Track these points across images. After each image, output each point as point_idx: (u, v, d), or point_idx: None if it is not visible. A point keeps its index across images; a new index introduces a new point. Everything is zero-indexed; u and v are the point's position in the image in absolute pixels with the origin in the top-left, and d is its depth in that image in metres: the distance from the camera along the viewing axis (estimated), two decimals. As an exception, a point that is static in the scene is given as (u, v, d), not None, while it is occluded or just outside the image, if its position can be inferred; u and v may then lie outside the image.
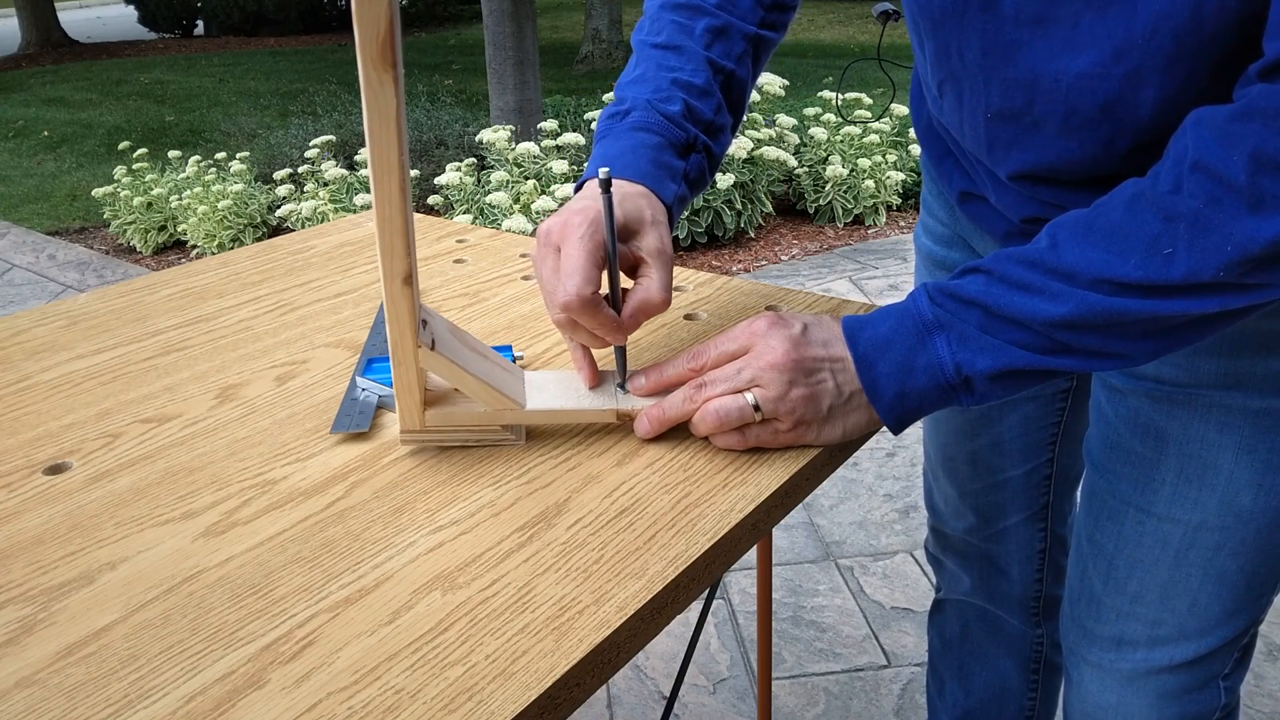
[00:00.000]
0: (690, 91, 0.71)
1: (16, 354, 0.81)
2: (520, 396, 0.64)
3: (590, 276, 0.60)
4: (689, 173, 0.71)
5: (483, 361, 0.62)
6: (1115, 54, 0.57)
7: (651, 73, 0.72)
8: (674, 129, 0.70)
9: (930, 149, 0.83)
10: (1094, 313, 0.55)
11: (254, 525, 0.57)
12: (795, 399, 0.60)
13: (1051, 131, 0.63)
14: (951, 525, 1.06)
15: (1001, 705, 1.12)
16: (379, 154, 0.50)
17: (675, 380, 0.64)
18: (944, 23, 0.65)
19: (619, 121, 0.71)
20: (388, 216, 0.52)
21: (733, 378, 0.61)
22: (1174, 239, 0.53)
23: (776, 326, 0.62)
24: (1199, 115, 0.54)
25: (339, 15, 13.31)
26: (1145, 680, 0.80)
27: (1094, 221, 0.56)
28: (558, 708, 0.45)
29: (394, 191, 0.52)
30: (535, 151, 3.63)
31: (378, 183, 0.52)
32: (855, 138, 4.08)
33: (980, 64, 0.64)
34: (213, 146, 5.49)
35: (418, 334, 0.57)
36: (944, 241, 0.90)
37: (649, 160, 0.68)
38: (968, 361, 0.59)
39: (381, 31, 0.46)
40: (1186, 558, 0.75)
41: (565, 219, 0.63)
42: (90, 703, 0.44)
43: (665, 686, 1.62)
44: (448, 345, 0.60)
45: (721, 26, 0.73)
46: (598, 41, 8.43)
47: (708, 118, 0.72)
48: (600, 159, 0.69)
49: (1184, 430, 0.71)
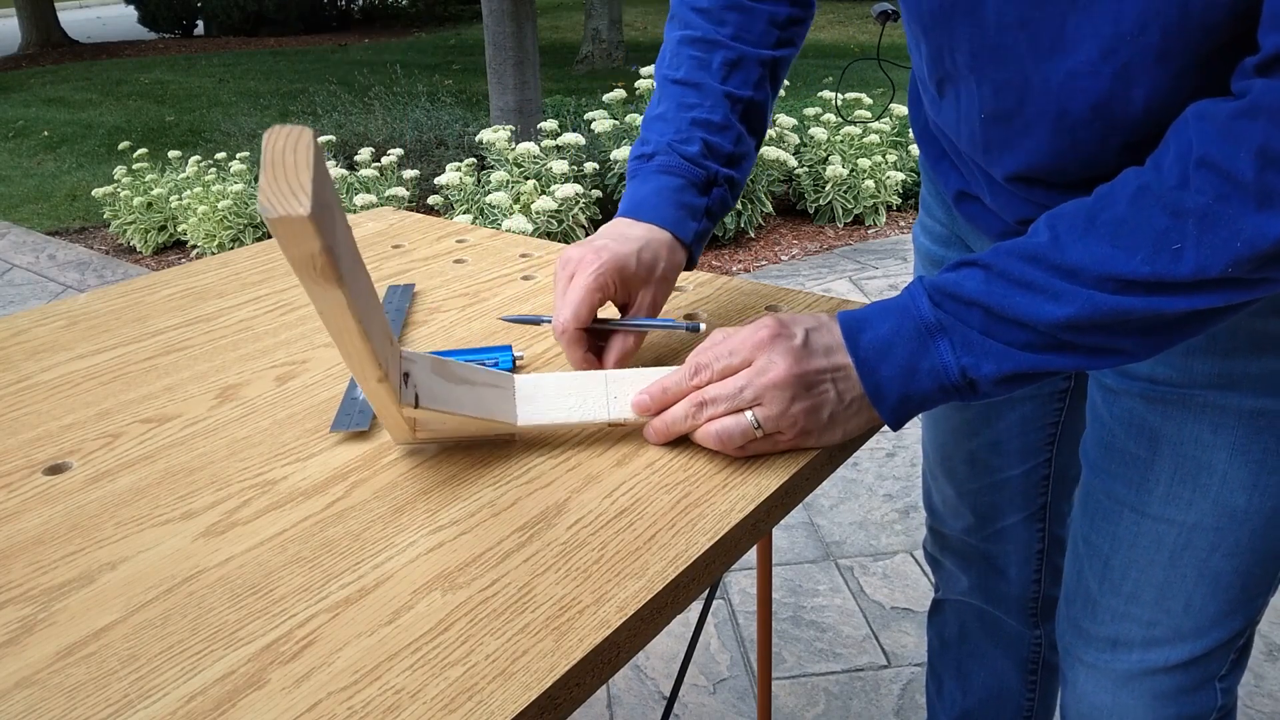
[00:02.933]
0: (709, 129, 0.76)
1: (16, 354, 0.81)
2: (511, 413, 0.64)
3: (580, 313, 0.67)
4: (711, 208, 0.77)
5: (469, 392, 0.62)
6: (1104, 52, 0.57)
7: (673, 112, 0.77)
8: (695, 169, 0.75)
9: (927, 150, 0.83)
10: (1099, 312, 0.55)
11: (254, 525, 0.57)
12: (796, 413, 0.60)
13: (1044, 132, 0.63)
14: (950, 525, 1.06)
15: (1000, 706, 1.12)
16: (334, 329, 0.49)
17: (677, 396, 0.63)
18: (933, 27, 0.65)
19: (645, 164, 0.77)
20: (351, 352, 0.51)
21: (734, 396, 0.60)
22: (1182, 235, 0.52)
23: (779, 340, 0.61)
24: (1201, 109, 0.53)
25: (339, 15, 13.31)
26: (1141, 681, 0.80)
27: (1097, 215, 0.56)
28: (558, 708, 0.45)
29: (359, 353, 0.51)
30: (535, 151, 3.63)
31: (335, 338, 0.50)
32: (855, 138, 4.08)
33: (971, 66, 0.64)
34: (213, 146, 5.49)
35: (400, 401, 0.57)
36: (942, 241, 0.90)
37: (671, 203, 0.74)
38: (972, 366, 0.59)
39: (315, 255, 0.43)
40: (1181, 558, 0.75)
41: (584, 253, 0.70)
42: (90, 703, 0.44)
43: (665, 686, 1.62)
44: (431, 394, 0.59)
45: (736, 58, 0.77)
46: (598, 41, 8.43)
47: (727, 150, 0.77)
48: (630, 198, 0.76)
49: (1178, 431, 0.71)
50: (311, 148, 0.43)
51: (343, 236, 0.47)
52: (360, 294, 0.49)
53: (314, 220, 0.42)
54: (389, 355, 0.55)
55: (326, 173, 0.45)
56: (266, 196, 0.42)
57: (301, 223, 0.42)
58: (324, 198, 0.44)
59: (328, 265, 0.44)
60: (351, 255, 0.48)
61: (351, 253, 0.49)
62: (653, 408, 0.63)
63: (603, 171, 3.82)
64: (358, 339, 0.50)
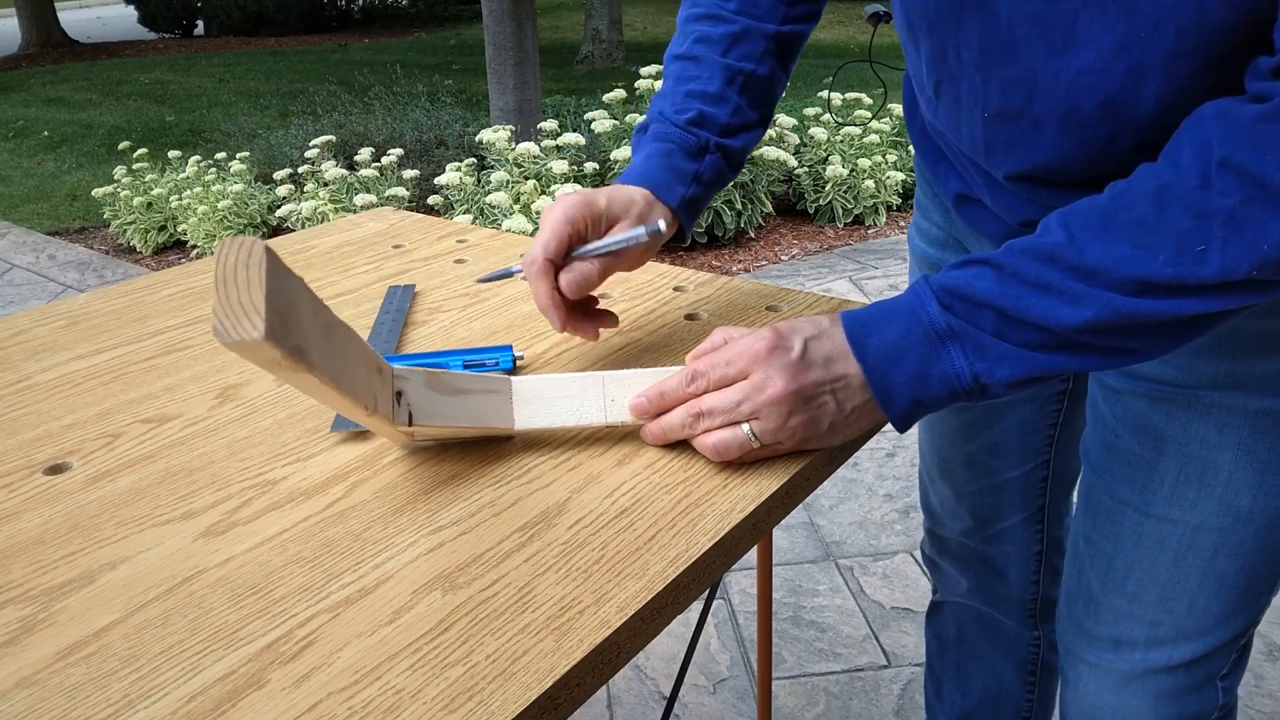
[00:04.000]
0: (705, 99, 0.76)
1: (16, 354, 0.81)
2: (508, 418, 0.64)
3: (549, 245, 0.67)
4: (702, 174, 0.76)
5: (465, 402, 0.62)
6: (1116, 50, 0.56)
7: (670, 87, 0.78)
8: (685, 135, 0.76)
9: (925, 152, 0.83)
10: (1119, 315, 0.54)
11: (254, 525, 0.57)
12: (795, 426, 0.60)
13: (1051, 130, 0.62)
14: (948, 528, 1.06)
15: (999, 707, 1.12)
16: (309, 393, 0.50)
17: (675, 402, 0.63)
18: (939, 23, 0.65)
19: (641, 135, 0.78)
20: (333, 403, 0.52)
21: (731, 410, 0.60)
22: (1207, 236, 0.52)
23: (776, 353, 0.60)
24: (1221, 110, 0.53)
25: (339, 15, 13.31)
26: (1143, 680, 0.80)
27: (1115, 214, 0.55)
28: (558, 708, 0.45)
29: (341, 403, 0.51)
30: (535, 151, 3.63)
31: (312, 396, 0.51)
32: (855, 138, 4.08)
33: (978, 64, 0.63)
34: (213, 146, 5.49)
35: (393, 422, 0.57)
36: (939, 244, 0.90)
37: (657, 167, 0.75)
38: (985, 371, 0.58)
39: (280, 359, 0.44)
40: (1185, 558, 0.75)
41: (556, 200, 0.70)
42: (90, 703, 0.44)
43: (665, 686, 1.62)
44: (426, 410, 0.59)
45: (740, 31, 0.78)
46: (598, 41, 8.43)
47: (723, 120, 0.77)
48: (625, 172, 0.77)
49: (1183, 431, 0.71)
50: (263, 261, 0.42)
51: (308, 317, 0.47)
52: (334, 355, 0.49)
53: (270, 338, 0.42)
54: (376, 386, 0.55)
55: (283, 269, 0.44)
56: (220, 319, 0.42)
57: (257, 344, 0.42)
58: (283, 297, 0.44)
59: (295, 361, 0.44)
60: (319, 325, 0.48)
61: (319, 323, 0.48)
62: (650, 411, 0.63)
63: (603, 171, 3.82)
64: (336, 395, 0.50)
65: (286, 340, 0.43)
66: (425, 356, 0.74)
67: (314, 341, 0.46)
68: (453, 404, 0.61)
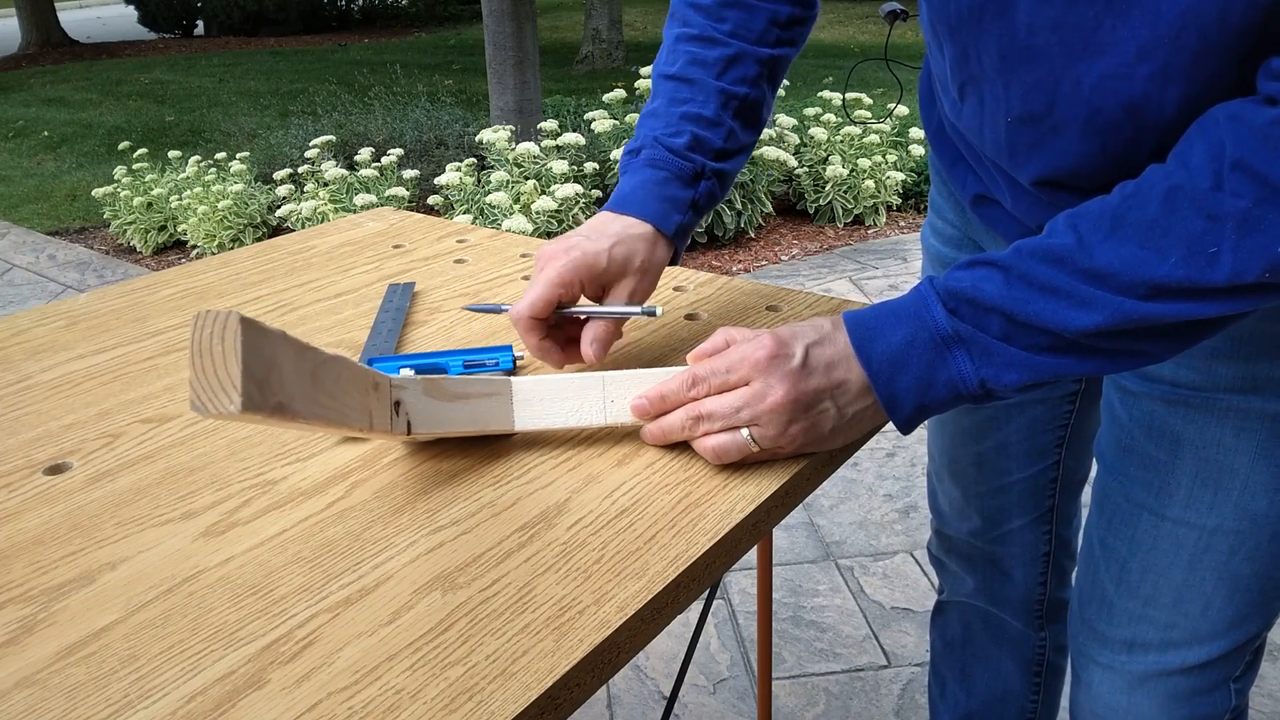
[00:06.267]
0: (699, 123, 0.75)
1: (16, 354, 0.81)
2: (508, 420, 0.64)
3: (536, 305, 0.66)
4: (697, 200, 0.75)
5: (464, 407, 0.62)
6: (1139, 54, 0.56)
7: (663, 107, 0.76)
8: (681, 162, 0.74)
9: (942, 152, 0.82)
10: (1129, 320, 0.54)
11: (254, 525, 0.57)
12: (795, 432, 0.60)
13: (1074, 134, 0.62)
14: (955, 527, 1.06)
15: (1003, 708, 1.12)
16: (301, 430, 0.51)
17: (675, 404, 0.63)
18: (960, 28, 0.64)
19: (633, 159, 0.76)
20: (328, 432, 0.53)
21: (730, 416, 0.60)
22: (1219, 238, 0.51)
23: (777, 361, 0.59)
24: (1234, 112, 0.52)
25: (339, 15, 13.31)
26: (1156, 682, 0.80)
27: (1125, 215, 0.54)
28: (558, 708, 0.45)
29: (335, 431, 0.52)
30: (535, 151, 3.63)
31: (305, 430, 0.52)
32: (855, 138, 4.08)
33: (999, 69, 0.63)
34: (213, 146, 5.49)
35: (391, 432, 0.57)
36: (953, 243, 0.89)
37: (654, 196, 0.73)
38: (992, 376, 0.57)
39: (264, 419, 0.44)
40: (1201, 562, 0.74)
41: (555, 250, 0.68)
42: (90, 703, 0.44)
43: (665, 686, 1.62)
44: (424, 418, 0.59)
45: (734, 55, 0.76)
46: (598, 41, 8.43)
47: (717, 145, 0.76)
48: (616, 192, 0.75)
49: (1200, 434, 0.71)
50: (238, 334, 0.43)
51: (290, 372, 0.47)
52: (323, 396, 0.49)
53: (248, 409, 0.42)
54: (372, 404, 0.55)
55: (259, 333, 0.44)
56: (196, 394, 0.42)
57: (235, 416, 0.43)
58: (261, 362, 0.44)
59: (279, 417, 0.45)
60: (304, 374, 0.48)
61: (304, 371, 0.48)
62: (651, 413, 0.63)
63: (603, 171, 3.82)
64: (327, 428, 0.51)
65: (266, 404, 0.44)
66: (425, 356, 0.74)
67: (298, 392, 0.47)
68: (452, 409, 0.61)
